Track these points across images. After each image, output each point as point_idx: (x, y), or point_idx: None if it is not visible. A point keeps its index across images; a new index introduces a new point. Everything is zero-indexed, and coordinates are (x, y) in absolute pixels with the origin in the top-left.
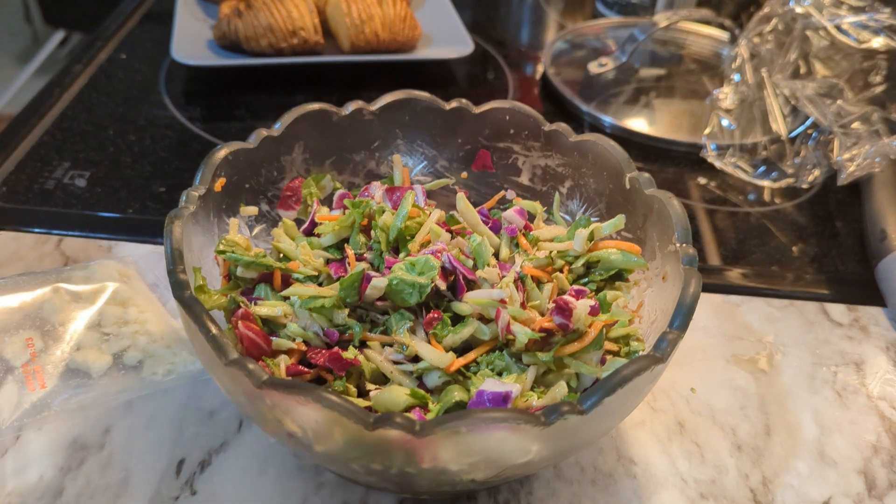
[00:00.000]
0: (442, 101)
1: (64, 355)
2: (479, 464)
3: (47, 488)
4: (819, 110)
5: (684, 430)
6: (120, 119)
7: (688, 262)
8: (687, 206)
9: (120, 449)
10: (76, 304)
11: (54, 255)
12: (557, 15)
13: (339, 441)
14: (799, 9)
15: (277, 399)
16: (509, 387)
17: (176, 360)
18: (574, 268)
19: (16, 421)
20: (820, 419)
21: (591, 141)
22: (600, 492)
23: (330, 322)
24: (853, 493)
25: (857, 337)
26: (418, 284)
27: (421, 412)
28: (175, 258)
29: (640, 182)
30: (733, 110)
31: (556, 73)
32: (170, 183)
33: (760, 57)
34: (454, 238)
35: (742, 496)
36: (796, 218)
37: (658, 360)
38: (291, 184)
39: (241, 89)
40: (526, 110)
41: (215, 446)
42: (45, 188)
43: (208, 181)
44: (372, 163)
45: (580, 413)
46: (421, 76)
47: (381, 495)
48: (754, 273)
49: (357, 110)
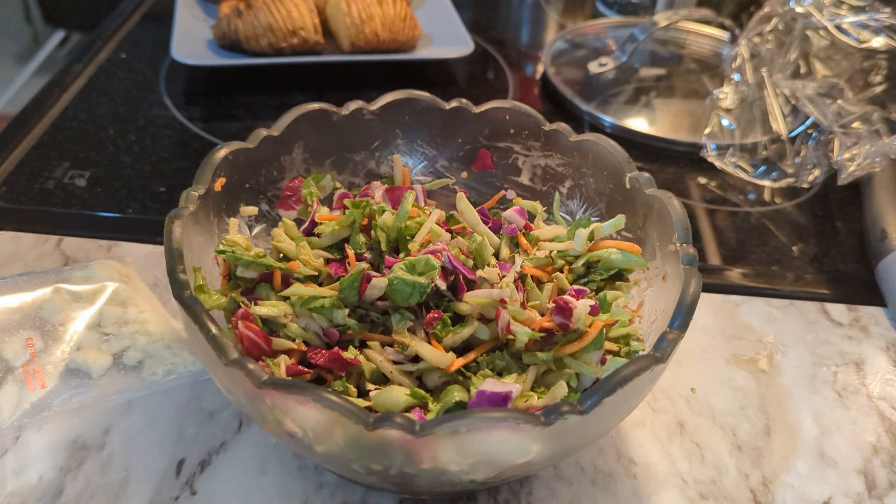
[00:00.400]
0: (442, 101)
1: (64, 355)
2: (478, 464)
3: (47, 488)
4: (819, 110)
5: (684, 430)
6: (120, 119)
7: (688, 262)
8: (687, 205)
9: (120, 449)
10: (76, 304)
11: (54, 255)
12: (557, 15)
13: (339, 441)
14: (799, 8)
15: (277, 399)
16: (509, 387)
17: (176, 360)
18: (574, 268)
19: (16, 421)
20: (820, 419)
21: (591, 141)
22: (600, 492)
23: (330, 322)
24: (853, 493)
25: (857, 337)
26: (418, 284)
27: (421, 412)
28: (175, 258)
29: (641, 182)
30: (733, 110)
31: (556, 72)
32: (170, 183)
33: (760, 57)
34: (454, 238)
35: (742, 496)
36: (796, 218)
37: (658, 360)
38: (291, 184)
39: (241, 89)
40: (526, 110)
41: (215, 446)
42: (45, 188)
43: (208, 181)
44: (372, 163)
45: (580, 413)
46: (421, 76)
47: (381, 495)
48: (754, 273)
49: (357, 110)
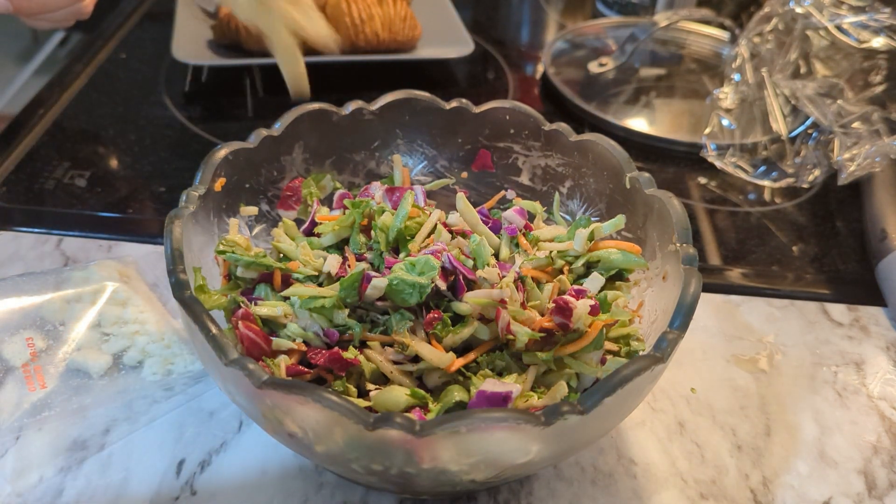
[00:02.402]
0: (442, 101)
1: (64, 355)
2: (478, 464)
3: (47, 488)
4: (819, 110)
5: (684, 430)
6: (120, 119)
7: (688, 262)
8: (687, 205)
9: (120, 449)
10: (76, 304)
11: (54, 255)
12: (557, 15)
13: (339, 441)
14: (799, 9)
15: (277, 399)
16: (509, 387)
17: (176, 360)
18: (574, 268)
19: (16, 421)
20: (820, 419)
21: (592, 141)
22: (600, 492)
23: (330, 322)
24: (853, 493)
25: (857, 337)
26: (418, 285)
27: (421, 412)
28: (175, 258)
29: (641, 182)
30: (733, 110)
31: (556, 72)
32: (170, 183)
33: (761, 57)
34: (454, 238)
35: (742, 496)
36: (796, 218)
37: (658, 360)
38: (291, 184)
39: (241, 89)
40: (526, 110)
41: (215, 446)
42: (45, 188)
43: (208, 181)
44: (372, 163)
45: (580, 413)
46: (421, 76)
47: (381, 495)
48: (754, 273)
49: (357, 110)
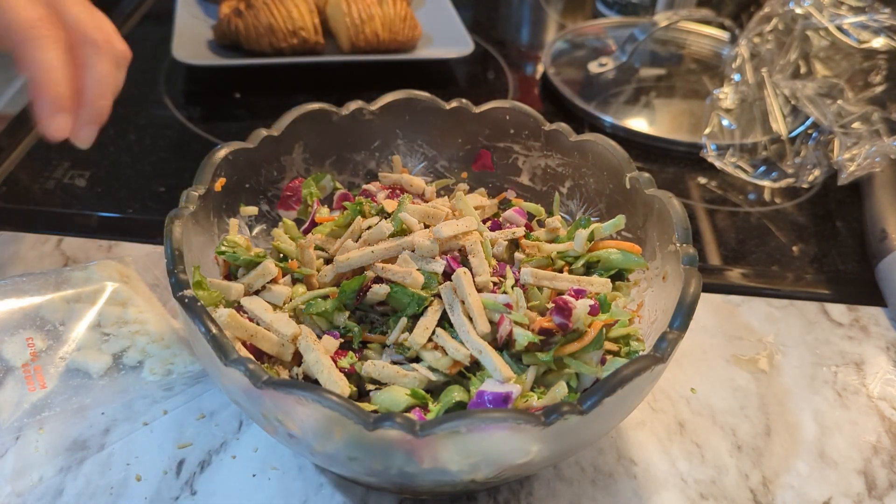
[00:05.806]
0: (442, 101)
1: (64, 355)
2: (478, 464)
3: (47, 488)
4: (819, 110)
5: (684, 430)
6: (120, 119)
7: (688, 262)
8: (687, 206)
9: (120, 449)
10: (76, 305)
11: (54, 256)
12: (557, 15)
13: (339, 441)
14: (799, 9)
15: (277, 399)
16: (509, 387)
17: (176, 360)
18: (574, 268)
19: (16, 421)
20: (820, 419)
21: (591, 141)
22: (600, 492)
23: (330, 324)
24: (853, 493)
25: (857, 337)
26: (417, 296)
27: (421, 412)
28: (175, 258)
29: (641, 182)
30: (733, 110)
31: (556, 73)
32: (170, 183)
33: (760, 57)
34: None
35: (742, 496)
36: (796, 218)
37: (658, 360)
38: (291, 184)
39: (241, 89)
40: (526, 110)
41: (215, 446)
42: (45, 188)
43: (208, 181)
44: (372, 163)
45: (580, 413)
46: (421, 76)
47: (381, 495)
48: (754, 273)
49: (357, 110)
